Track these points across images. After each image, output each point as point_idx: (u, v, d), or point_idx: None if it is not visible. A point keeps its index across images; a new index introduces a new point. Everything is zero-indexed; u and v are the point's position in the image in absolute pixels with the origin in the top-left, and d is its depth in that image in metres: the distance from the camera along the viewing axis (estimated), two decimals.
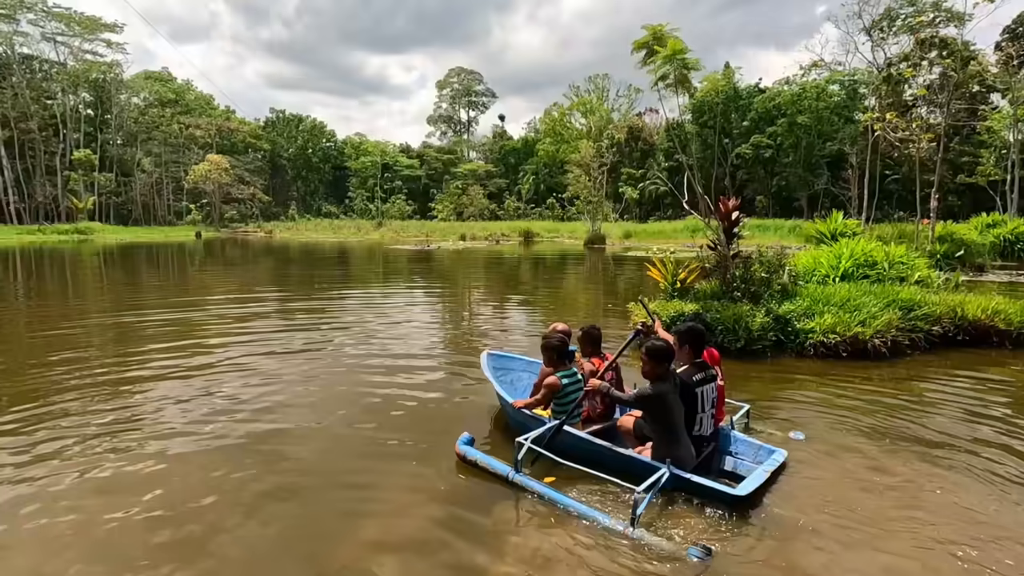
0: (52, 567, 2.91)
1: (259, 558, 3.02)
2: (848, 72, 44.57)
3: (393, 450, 4.33)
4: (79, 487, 3.73)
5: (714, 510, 3.36)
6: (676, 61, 7.85)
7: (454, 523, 3.29)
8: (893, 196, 40.90)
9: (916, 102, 32.47)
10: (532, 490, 3.53)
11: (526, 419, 4.28)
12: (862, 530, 3.21)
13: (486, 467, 3.80)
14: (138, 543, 3.11)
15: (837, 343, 6.97)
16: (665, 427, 3.62)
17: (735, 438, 4.16)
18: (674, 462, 3.51)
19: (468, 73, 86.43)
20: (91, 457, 4.17)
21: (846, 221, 12.97)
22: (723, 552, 2.96)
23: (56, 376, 6.27)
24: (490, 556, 2.98)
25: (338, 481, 3.84)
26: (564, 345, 4.35)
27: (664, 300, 8.33)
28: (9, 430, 4.68)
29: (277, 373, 6.48)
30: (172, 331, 9.04)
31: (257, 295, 13.79)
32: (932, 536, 3.17)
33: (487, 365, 5.19)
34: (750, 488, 3.41)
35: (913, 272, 9.34)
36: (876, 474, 3.92)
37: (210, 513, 3.42)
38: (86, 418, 4.97)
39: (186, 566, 2.91)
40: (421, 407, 5.35)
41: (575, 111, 66.85)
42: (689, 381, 3.83)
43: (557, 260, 26.91)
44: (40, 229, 45.11)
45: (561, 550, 3.00)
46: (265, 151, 71.05)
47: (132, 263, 23.88)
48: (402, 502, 3.54)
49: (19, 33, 51.31)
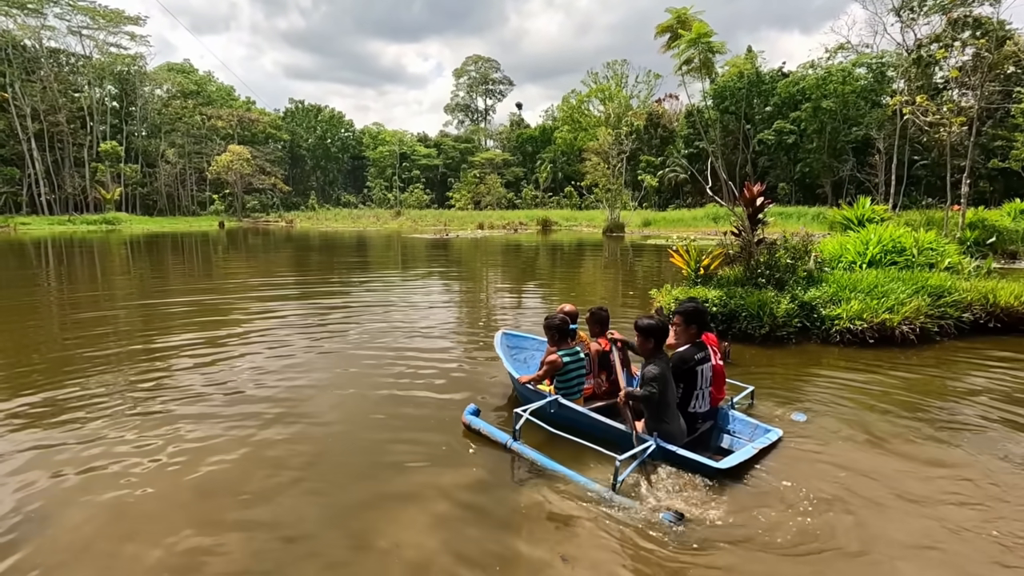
0: (111, 532, 3.08)
1: (299, 524, 3.16)
2: (876, 54, 43.28)
3: (411, 422, 4.65)
4: (128, 455, 3.92)
5: (702, 481, 3.56)
6: (701, 45, 7.75)
7: (454, 487, 3.59)
8: (921, 182, 39.80)
9: (947, 84, 31.47)
10: (527, 457, 3.85)
11: (529, 393, 4.61)
12: (846, 502, 3.36)
13: (488, 435, 4.14)
14: (183, 510, 3.28)
15: (864, 330, 6.91)
16: (658, 403, 3.78)
17: (733, 417, 4.33)
18: (663, 436, 3.74)
19: (485, 61, 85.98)
20: (132, 429, 4.36)
21: (873, 207, 12.69)
22: (701, 518, 3.16)
23: (94, 353, 6.53)
24: (484, 510, 3.34)
25: (364, 445, 4.14)
26: (565, 324, 4.58)
27: (687, 287, 8.31)
28: (53, 408, 4.91)
29: (307, 350, 6.75)
30: (202, 312, 9.33)
31: (282, 280, 14.06)
32: (917, 511, 3.27)
33: (500, 343, 5.56)
34: (733, 462, 3.60)
35: (943, 258, 9.16)
36: (881, 454, 4.00)
37: (251, 483, 3.58)
38: (122, 392, 5.19)
39: (222, 534, 3.06)
40: (439, 382, 5.67)
41: (593, 98, 66.02)
42: (690, 359, 3.94)
43: (575, 248, 26.84)
44: (70, 219, 46.31)
45: (548, 510, 3.31)
46: (285, 141, 71.71)
47: (159, 252, 24.44)
48: (417, 468, 3.85)
49: (46, 27, 52.36)
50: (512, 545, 2.99)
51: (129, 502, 3.41)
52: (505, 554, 2.91)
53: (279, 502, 3.41)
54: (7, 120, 48.89)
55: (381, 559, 2.88)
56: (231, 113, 64.81)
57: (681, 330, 4.06)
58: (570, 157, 64.23)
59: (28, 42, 51.44)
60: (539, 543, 2.99)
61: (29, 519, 3.22)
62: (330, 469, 3.87)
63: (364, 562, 2.86)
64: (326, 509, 3.34)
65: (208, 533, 3.09)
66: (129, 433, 4.38)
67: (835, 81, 42.49)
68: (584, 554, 2.90)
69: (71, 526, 3.16)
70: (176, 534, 3.08)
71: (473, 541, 3.03)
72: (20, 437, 4.33)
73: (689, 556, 2.87)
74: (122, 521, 3.22)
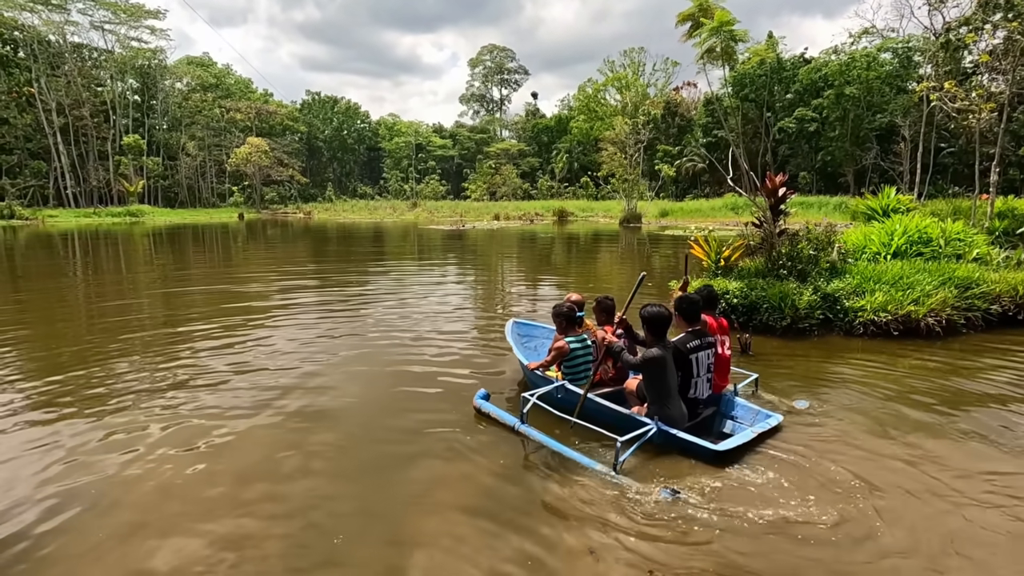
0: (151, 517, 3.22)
1: (326, 504, 3.27)
2: (902, 39, 42.11)
3: (427, 405, 4.90)
4: (160, 442, 4.06)
5: (701, 463, 3.70)
6: (723, 33, 7.64)
7: (464, 459, 3.87)
8: (948, 170, 38.78)
9: (977, 69, 30.52)
10: (533, 439, 4.02)
11: (537, 379, 4.83)
12: (842, 486, 3.44)
13: (497, 418, 4.34)
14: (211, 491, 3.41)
15: (888, 321, 6.83)
16: (658, 388, 3.94)
17: (736, 403, 4.46)
18: (664, 420, 3.89)
19: (500, 50, 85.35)
20: (158, 416, 4.52)
21: (899, 196, 12.42)
22: (697, 497, 3.30)
23: (128, 336, 6.74)
24: (492, 488, 3.55)
25: (384, 429, 4.22)
26: (572, 312, 4.75)
27: (707, 278, 8.27)
28: (80, 391, 5.09)
29: (327, 336, 6.92)
30: (228, 299, 9.54)
31: (303, 270, 14.27)
32: (909, 496, 3.34)
33: (511, 331, 5.79)
34: (730, 445, 3.72)
35: (971, 249, 8.97)
36: (885, 442, 4.06)
37: (272, 466, 3.70)
38: (148, 378, 5.35)
39: (247, 519, 3.18)
40: (455, 369, 5.90)
41: (609, 87, 65.30)
42: (683, 348, 4.08)
43: (591, 239, 26.75)
44: (95, 212, 47.31)
45: (556, 487, 3.49)
46: (302, 133, 72.20)
47: (183, 243, 24.91)
48: (432, 448, 4.07)
49: (70, 22, 53.26)
50: (528, 526, 3.10)
51: (177, 483, 3.55)
52: (511, 535, 3.01)
53: (308, 484, 3.53)
54: (34, 115, 49.99)
55: (404, 531, 2.98)
56: (249, 106, 65.36)
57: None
58: (586, 147, 63.72)
59: (52, 37, 52.39)
60: (547, 525, 3.11)
61: (77, 499, 3.37)
62: (352, 460, 3.99)
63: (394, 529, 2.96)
64: (354, 502, 3.43)
65: (245, 517, 3.22)
66: (160, 418, 4.54)
67: (859, 67, 41.45)
68: (585, 533, 3.04)
69: (121, 504, 3.30)
70: (215, 518, 3.21)
71: (488, 533, 3.10)
72: (53, 423, 4.50)
73: (680, 532, 3.00)
74: (169, 501, 3.35)
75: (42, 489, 3.49)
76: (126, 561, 2.84)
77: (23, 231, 32.01)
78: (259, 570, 2.76)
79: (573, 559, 2.83)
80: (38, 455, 3.94)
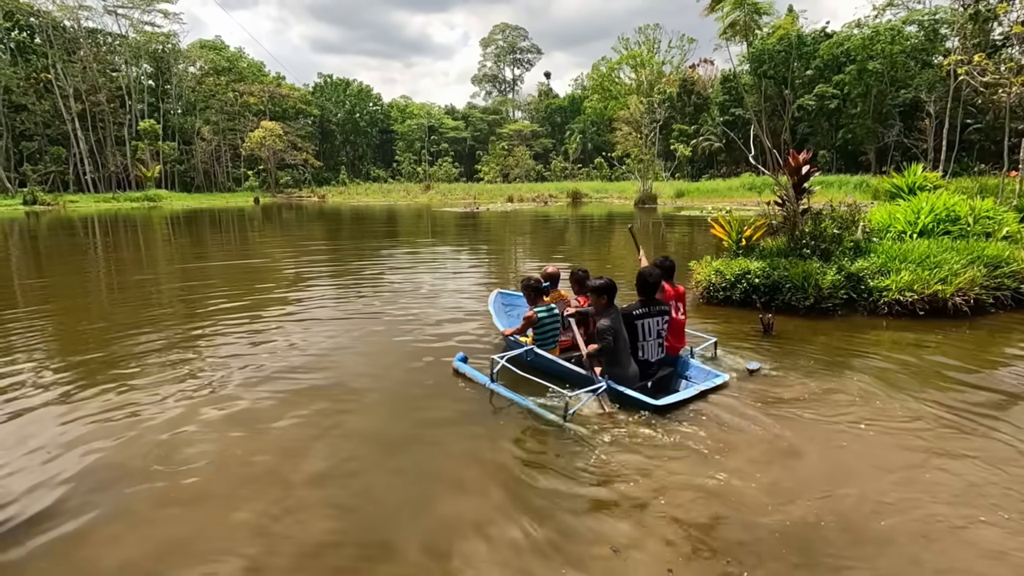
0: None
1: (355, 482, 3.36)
2: (928, 11, 40.70)
3: (426, 375, 5.28)
4: (191, 419, 4.18)
5: (645, 416, 4.13)
6: (747, 6, 7.45)
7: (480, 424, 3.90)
8: (974, 147, 37.69)
9: (1007, 41, 29.43)
10: (501, 394, 4.62)
11: (511, 344, 5.41)
12: (769, 444, 3.73)
13: (472, 378, 4.97)
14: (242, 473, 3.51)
15: (914, 301, 6.72)
16: (609, 352, 4.42)
17: (691, 364, 4.96)
18: (614, 378, 4.40)
19: (512, 29, 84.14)
20: (182, 400, 4.63)
21: (925, 174, 12.11)
22: (630, 443, 3.75)
23: (147, 319, 6.89)
24: (468, 429, 4.13)
25: (406, 401, 4.33)
26: (539, 284, 5.25)
27: (728, 258, 8.19)
28: (107, 375, 5.23)
29: (345, 318, 7.02)
30: (247, 281, 9.69)
31: (321, 251, 14.39)
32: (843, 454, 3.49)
33: (494, 301, 6.48)
34: (669, 400, 4.22)
35: (1000, 227, 8.75)
36: (863, 410, 4.25)
37: (295, 448, 3.79)
38: (170, 361, 5.49)
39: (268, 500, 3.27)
40: (452, 338, 6.37)
41: (624, 65, 63.94)
42: (630, 314, 4.54)
43: (605, 220, 26.56)
44: (114, 197, 47.93)
45: (519, 432, 4.02)
46: (315, 116, 72.12)
47: (201, 227, 25.19)
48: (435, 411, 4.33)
49: (83, 7, 53.41)
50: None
51: (223, 455, 3.65)
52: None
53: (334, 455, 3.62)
54: (52, 101, 50.55)
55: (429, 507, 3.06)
56: (262, 89, 65.31)
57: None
58: (600, 127, 62.94)
59: (67, 23, 52.66)
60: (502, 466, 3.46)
61: (113, 471, 3.49)
62: (384, 436, 4.09)
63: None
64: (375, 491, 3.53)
65: (284, 497, 3.31)
66: (193, 396, 4.65)
67: (883, 41, 40.19)
68: (536, 473, 3.45)
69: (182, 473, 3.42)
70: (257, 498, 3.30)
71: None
72: (91, 399, 4.64)
73: (609, 475, 3.42)
74: (219, 482, 3.45)
75: (83, 460, 3.62)
76: (166, 534, 2.94)
77: (45, 216, 32.57)
78: (301, 543, 2.85)
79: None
80: (72, 427, 4.07)
